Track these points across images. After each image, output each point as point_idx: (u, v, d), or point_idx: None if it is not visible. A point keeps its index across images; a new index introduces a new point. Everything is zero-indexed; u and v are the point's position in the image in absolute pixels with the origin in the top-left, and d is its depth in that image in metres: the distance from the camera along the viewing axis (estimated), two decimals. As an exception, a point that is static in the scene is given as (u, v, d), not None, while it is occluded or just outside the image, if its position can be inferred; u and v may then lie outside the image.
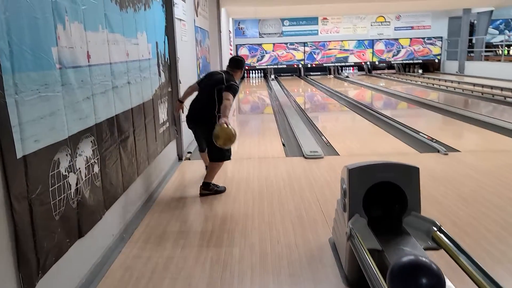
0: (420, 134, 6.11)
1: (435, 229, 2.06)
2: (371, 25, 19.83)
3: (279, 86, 15.23)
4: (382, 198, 2.35)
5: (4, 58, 1.66)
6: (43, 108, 1.95)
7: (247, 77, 19.83)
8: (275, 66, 20.01)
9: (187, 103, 4.14)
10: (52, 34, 2.06)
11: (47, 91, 1.99)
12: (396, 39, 19.90)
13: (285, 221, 3.23)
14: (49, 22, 2.03)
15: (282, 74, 20.18)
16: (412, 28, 19.89)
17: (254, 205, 3.58)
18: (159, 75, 4.34)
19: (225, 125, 3.48)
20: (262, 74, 20.06)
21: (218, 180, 4.21)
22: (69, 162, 2.19)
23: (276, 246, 2.82)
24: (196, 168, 4.84)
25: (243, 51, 19.60)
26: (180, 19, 5.62)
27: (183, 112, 4.29)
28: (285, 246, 2.81)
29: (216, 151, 3.74)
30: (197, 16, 7.28)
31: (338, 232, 2.58)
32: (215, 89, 3.80)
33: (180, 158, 5.19)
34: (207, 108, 3.82)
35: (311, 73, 20.19)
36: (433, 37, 19.69)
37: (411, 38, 19.84)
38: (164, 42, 4.66)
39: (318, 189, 3.91)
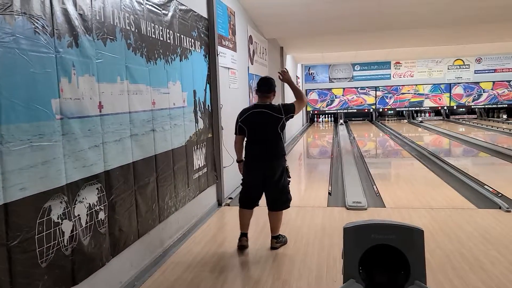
0: (485, 187, 5.50)
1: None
2: (448, 69, 18.90)
3: (346, 131, 14.90)
4: (389, 263, 2.09)
5: (-11, 111, 1.77)
6: (35, 157, 2.03)
7: (316, 121, 19.80)
8: (345, 111, 19.73)
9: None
10: (54, 87, 2.18)
11: (42, 140, 2.08)
12: (477, 83, 18.70)
13: (301, 280, 3.00)
14: (50, 76, 2.16)
15: (353, 119, 19.83)
16: (495, 71, 18.61)
17: (275, 260, 3.40)
18: (196, 122, 4.43)
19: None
20: (332, 119, 19.88)
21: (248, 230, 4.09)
22: (64, 209, 2.24)
23: (282, 308, 2.61)
24: (234, 214, 4.77)
25: (312, 96, 19.67)
26: (229, 68, 5.79)
27: None
28: (292, 309, 2.59)
29: (283, 197, 3.68)
30: (252, 64, 7.46)
31: (344, 299, 2.32)
32: (279, 127, 3.63)
33: (219, 204, 5.17)
34: (279, 145, 3.67)
35: (386, 118, 19.63)
36: (520, 80, 18.23)
37: (494, 82, 18.53)
38: (205, 90, 4.79)
39: (350, 245, 3.61)
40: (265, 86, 3.72)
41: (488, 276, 2.95)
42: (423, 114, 19.44)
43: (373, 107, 19.61)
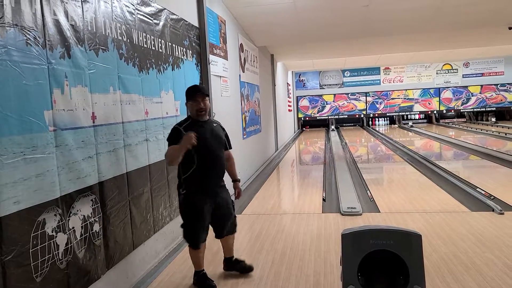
0: (478, 189, 5.54)
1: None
2: (437, 73, 19.12)
3: (338, 137, 14.95)
4: (387, 269, 2.09)
5: (-19, 124, 1.75)
6: (28, 169, 2.01)
7: (305, 128, 19.91)
8: (336, 117, 19.84)
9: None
10: (47, 99, 2.16)
11: (35, 153, 2.06)
12: (465, 87, 18.94)
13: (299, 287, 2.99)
14: (43, 88, 2.14)
15: (344, 125, 19.95)
16: (482, 74, 18.86)
17: (272, 268, 3.37)
18: (189, 131, 4.41)
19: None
20: (327, 125, 19.94)
21: (244, 237, 4.07)
22: (58, 222, 2.21)
23: (281, 316, 2.59)
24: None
25: (303, 103, 19.79)
26: (220, 76, 5.79)
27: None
28: (291, 317, 2.57)
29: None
30: (243, 72, 7.47)
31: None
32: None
33: (214, 213, 5.13)
34: (178, 166, 2.97)
35: (376, 123, 19.79)
36: (508, 83, 18.48)
37: (481, 85, 18.77)
38: (198, 98, 4.78)
39: (346, 251, 3.61)
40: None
41: (484, 279, 2.96)
42: (413, 116, 19.69)
43: (364, 112, 19.74)
